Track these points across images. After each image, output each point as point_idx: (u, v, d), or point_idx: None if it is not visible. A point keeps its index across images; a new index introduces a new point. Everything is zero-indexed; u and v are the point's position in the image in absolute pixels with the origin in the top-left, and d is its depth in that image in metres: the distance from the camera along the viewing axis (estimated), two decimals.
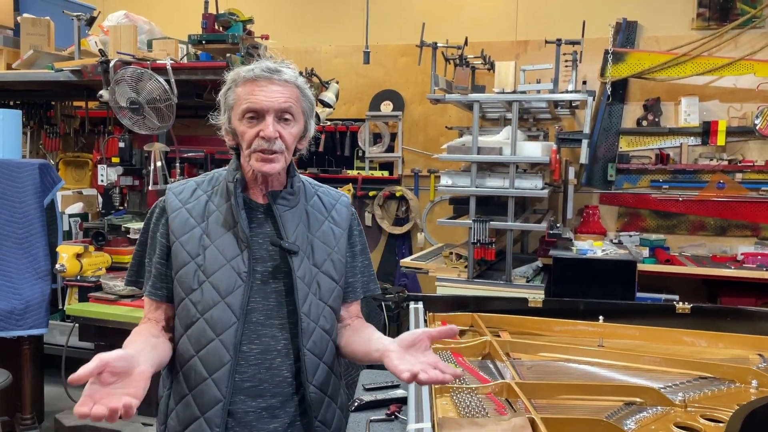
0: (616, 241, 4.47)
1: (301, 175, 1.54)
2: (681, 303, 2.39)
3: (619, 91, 4.71)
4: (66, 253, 3.24)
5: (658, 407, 1.64)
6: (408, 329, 2.16)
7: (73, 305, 3.33)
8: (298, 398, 1.42)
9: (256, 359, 1.38)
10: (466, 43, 4.02)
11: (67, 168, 5.62)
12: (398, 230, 5.27)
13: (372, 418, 1.82)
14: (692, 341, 2.22)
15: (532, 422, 1.43)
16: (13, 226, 3.26)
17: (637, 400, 1.67)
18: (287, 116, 1.39)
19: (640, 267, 3.99)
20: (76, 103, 5.00)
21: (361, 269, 1.58)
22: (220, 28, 3.65)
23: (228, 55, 3.33)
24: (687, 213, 4.61)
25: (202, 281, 1.37)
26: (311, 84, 4.20)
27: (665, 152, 4.55)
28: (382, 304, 4.48)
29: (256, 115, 1.37)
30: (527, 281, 3.75)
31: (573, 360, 2.04)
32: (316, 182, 1.60)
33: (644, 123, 4.67)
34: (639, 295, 3.53)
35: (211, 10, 3.81)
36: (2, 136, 3.36)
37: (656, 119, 4.64)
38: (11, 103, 4.71)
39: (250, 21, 3.71)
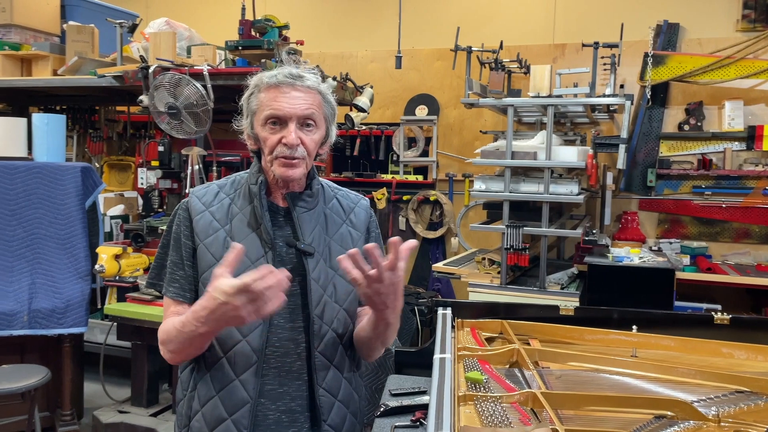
0: (655, 248, 4.36)
1: (321, 178, 1.55)
2: (719, 313, 2.32)
3: (660, 94, 4.60)
4: (105, 254, 3.33)
5: (690, 421, 1.59)
6: (436, 335, 2.15)
7: (110, 305, 3.42)
8: (314, 403, 1.43)
9: (276, 362, 1.40)
10: (501, 46, 3.98)
11: (111, 171, 5.78)
12: (432, 235, 5.25)
13: (397, 424, 1.81)
14: (730, 353, 2.14)
15: None
16: (55, 227, 3.37)
17: (668, 413, 1.62)
18: (309, 123, 1.40)
19: (680, 275, 3.89)
20: (118, 108, 5.14)
21: None
22: (257, 34, 3.71)
23: (263, 60, 3.37)
24: (731, 220, 4.47)
25: None
26: (345, 88, 4.22)
27: (708, 157, 4.42)
28: (415, 308, 4.47)
29: (279, 121, 1.38)
30: (562, 288, 3.69)
31: (603, 370, 1.99)
32: (336, 185, 1.61)
33: (686, 127, 4.55)
34: (678, 304, 3.44)
35: (249, 16, 3.87)
36: (46, 140, 3.47)
37: (699, 123, 4.51)
38: (57, 108, 4.87)
39: (286, 27, 3.75)
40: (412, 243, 1.32)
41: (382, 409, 1.91)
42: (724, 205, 4.45)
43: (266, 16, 3.82)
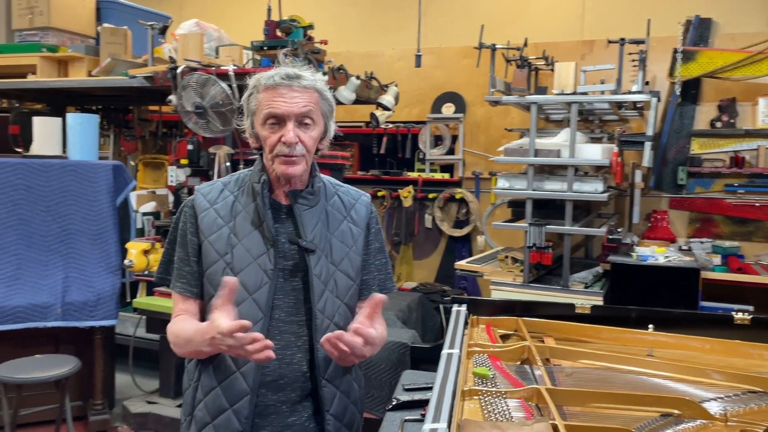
0: (685, 247, 4.28)
1: (322, 175, 1.58)
2: (740, 314, 2.27)
3: (692, 91, 4.52)
4: (134, 249, 3.43)
5: (698, 420, 1.58)
6: (447, 331, 2.17)
7: (139, 299, 3.52)
8: (314, 393, 1.47)
9: (277, 354, 1.43)
10: (525, 44, 3.97)
11: (145, 169, 5.94)
12: (458, 233, 5.25)
13: (407, 417, 1.84)
14: (748, 353, 2.11)
15: (555, 429, 1.41)
16: (88, 223, 3.49)
17: (675, 411, 1.61)
18: (307, 120, 1.44)
19: (710, 275, 3.82)
20: (151, 108, 5.28)
21: (377, 267, 1.60)
22: (282, 34, 3.76)
23: (287, 60, 3.42)
24: (765, 219, 4.36)
25: None
26: (370, 87, 4.26)
27: (741, 155, 4.32)
28: (440, 306, 4.49)
29: (277, 120, 1.43)
30: (586, 287, 3.66)
31: (616, 369, 1.98)
32: (337, 182, 1.64)
33: (718, 124, 4.45)
34: (705, 304, 3.37)
35: (275, 17, 3.94)
36: (80, 139, 3.59)
37: (731, 120, 4.42)
38: (93, 108, 5.02)
39: (311, 27, 3.80)
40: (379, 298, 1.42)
41: (393, 403, 1.94)
42: (757, 204, 4.34)
43: (292, 17, 3.88)
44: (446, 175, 5.28)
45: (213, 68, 3.55)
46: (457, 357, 1.82)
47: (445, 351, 1.88)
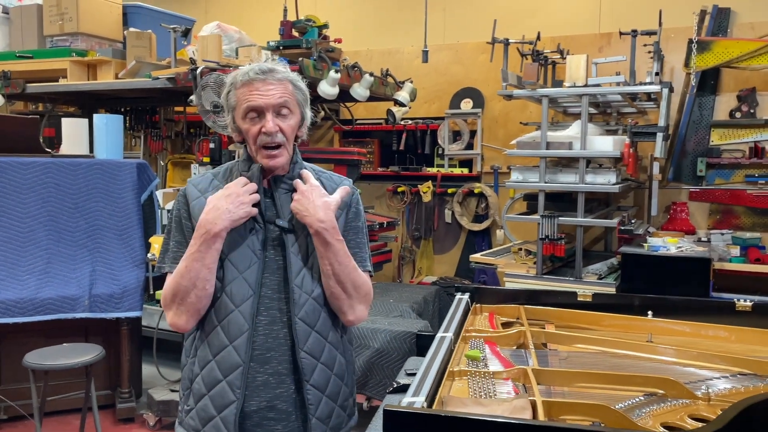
0: (705, 239, 4.25)
1: (305, 163, 1.67)
2: (742, 300, 2.29)
3: (710, 81, 4.48)
4: (157, 243, 3.57)
5: (681, 400, 1.62)
6: (446, 316, 2.24)
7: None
8: (296, 365, 1.55)
9: (264, 329, 1.54)
10: (538, 37, 3.99)
11: (174, 168, 6.12)
12: (477, 227, 5.29)
13: (405, 400, 1.91)
14: (747, 338, 2.13)
15: (533, 404, 1.47)
16: (114, 219, 3.64)
17: (659, 391, 1.65)
18: (284, 110, 1.54)
19: (726, 266, 3.80)
20: (177, 109, 5.44)
21: (352, 245, 1.65)
22: (298, 34, 3.87)
23: (300, 59, 3.53)
24: None
25: (222, 259, 1.54)
26: (386, 84, 4.33)
27: (761, 145, 4.27)
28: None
29: (257, 113, 1.53)
30: (599, 278, 3.67)
31: (611, 353, 2.02)
32: (321, 169, 1.73)
33: (738, 114, 4.41)
34: (716, 295, 3.36)
35: (291, 17, 4.04)
36: (106, 138, 3.75)
37: (751, 110, 4.37)
38: (121, 109, 5.21)
39: (325, 26, 3.90)
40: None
41: (394, 386, 2.02)
42: None
43: (308, 16, 3.98)
44: (465, 170, 5.32)
45: (231, 68, 3.67)
46: (449, 340, 1.89)
47: (438, 334, 1.96)
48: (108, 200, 3.65)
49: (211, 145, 4.22)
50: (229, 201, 1.51)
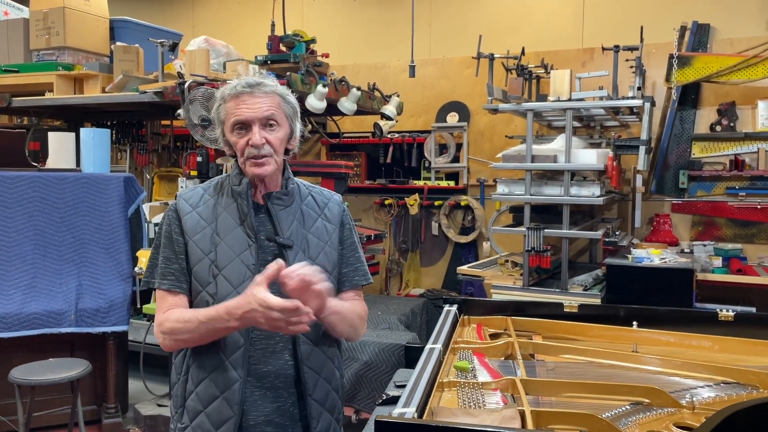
0: (688, 250, 4.32)
1: (296, 179, 1.69)
2: (724, 311, 2.33)
3: (691, 96, 4.57)
4: (145, 257, 3.56)
5: (666, 408, 1.64)
6: (435, 328, 2.26)
7: (149, 305, 3.65)
8: (297, 380, 1.56)
9: (261, 344, 1.54)
10: (523, 53, 4.06)
11: (161, 182, 6.11)
12: (464, 239, 5.33)
13: (395, 411, 1.93)
14: (727, 348, 2.17)
15: (522, 414, 1.49)
16: (100, 233, 3.64)
17: (645, 400, 1.68)
18: (272, 123, 1.56)
19: (709, 277, 3.86)
20: (163, 122, 5.45)
21: (353, 261, 1.71)
22: (285, 49, 3.90)
23: (288, 73, 3.55)
24: (767, 221, 4.38)
25: (216, 274, 1.54)
26: (373, 98, 4.37)
27: (741, 158, 4.35)
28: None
29: (244, 126, 1.55)
30: (585, 290, 3.71)
31: (598, 363, 2.05)
32: (310, 184, 1.76)
33: (718, 128, 4.49)
34: (700, 305, 3.41)
35: (279, 32, 4.07)
36: (93, 152, 3.75)
37: (731, 124, 4.45)
38: (108, 123, 5.20)
39: (313, 41, 3.93)
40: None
41: (383, 398, 2.03)
42: (759, 206, 4.36)
43: (295, 31, 4.02)
44: (451, 183, 5.37)
45: (219, 82, 3.69)
46: (438, 352, 1.91)
47: (427, 346, 1.97)
48: (94, 214, 3.64)
49: (199, 159, 4.22)
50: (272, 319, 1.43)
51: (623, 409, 1.63)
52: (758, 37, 4.37)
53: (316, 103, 3.70)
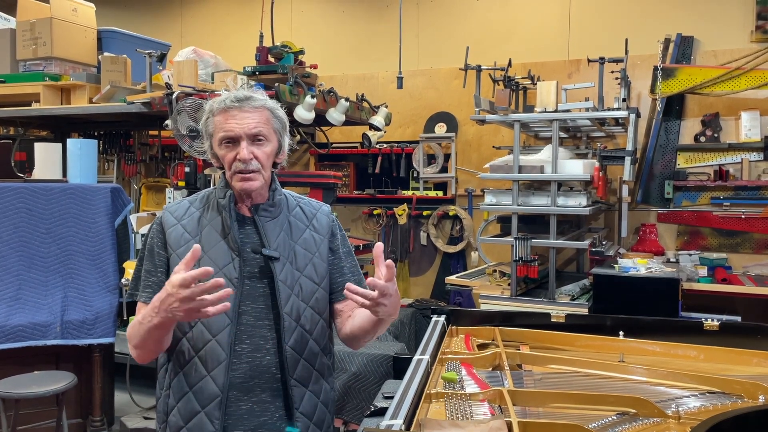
0: (674, 260, 4.36)
1: (284, 190, 1.69)
2: (709, 320, 2.35)
3: (676, 107, 4.63)
4: (131, 268, 3.53)
5: (652, 418, 1.66)
6: (423, 339, 2.26)
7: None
8: (284, 393, 1.56)
9: (247, 357, 1.53)
10: (510, 64, 4.09)
11: (148, 192, 6.08)
12: (452, 249, 5.34)
13: (383, 423, 1.92)
14: (712, 357, 2.19)
15: (510, 425, 1.49)
16: (87, 245, 3.61)
17: (631, 410, 1.69)
18: (260, 138, 1.56)
19: (695, 286, 3.89)
20: (151, 133, 5.43)
21: (350, 269, 1.71)
22: (273, 60, 3.91)
23: (276, 84, 3.56)
24: (751, 231, 4.43)
25: None
26: (362, 109, 4.39)
27: (725, 168, 4.41)
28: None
29: (232, 140, 1.54)
30: (572, 299, 3.73)
31: (584, 373, 2.06)
32: (298, 195, 1.76)
33: (702, 139, 4.55)
34: (685, 314, 3.44)
35: (267, 43, 4.08)
36: (79, 163, 3.73)
37: (715, 135, 4.51)
38: (95, 133, 5.18)
39: (301, 52, 3.94)
40: (380, 246, 1.49)
41: (371, 410, 2.03)
42: (743, 216, 4.42)
43: (284, 42, 4.03)
44: (440, 193, 5.39)
45: (207, 93, 3.69)
46: (426, 363, 1.92)
47: (415, 357, 1.98)
48: (81, 225, 3.61)
49: (187, 169, 4.22)
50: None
51: (610, 419, 1.64)
52: (741, 49, 4.44)
53: (304, 113, 3.71)
